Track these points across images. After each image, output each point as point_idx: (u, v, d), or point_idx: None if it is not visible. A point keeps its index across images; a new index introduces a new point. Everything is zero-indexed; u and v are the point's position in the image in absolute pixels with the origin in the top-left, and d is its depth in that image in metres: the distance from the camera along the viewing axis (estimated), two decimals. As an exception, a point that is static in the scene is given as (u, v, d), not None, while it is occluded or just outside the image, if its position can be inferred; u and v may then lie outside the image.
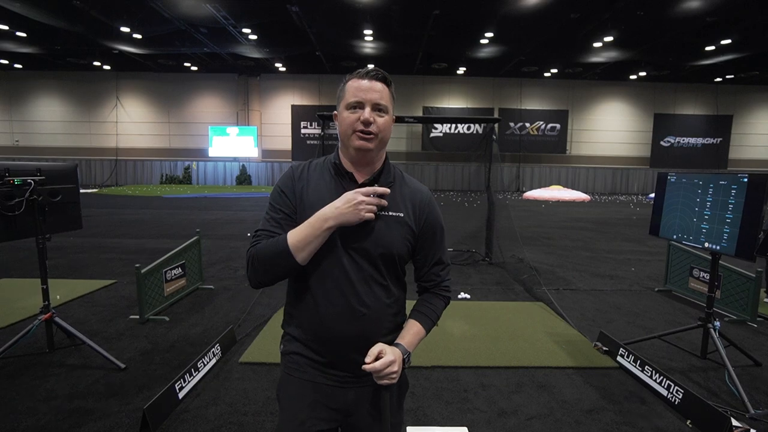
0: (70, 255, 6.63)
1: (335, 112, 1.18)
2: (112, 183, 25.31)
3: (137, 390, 2.69)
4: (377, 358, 1.04)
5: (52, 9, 13.93)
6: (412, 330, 1.17)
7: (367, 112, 1.08)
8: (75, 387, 2.70)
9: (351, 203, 1.05)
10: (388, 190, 1.11)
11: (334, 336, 1.11)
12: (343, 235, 1.09)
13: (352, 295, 1.10)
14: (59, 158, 24.20)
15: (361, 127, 1.08)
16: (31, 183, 2.80)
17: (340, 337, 1.11)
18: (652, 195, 21.45)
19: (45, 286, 3.05)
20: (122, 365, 2.95)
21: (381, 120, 1.11)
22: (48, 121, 24.85)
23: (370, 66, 1.16)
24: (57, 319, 3.11)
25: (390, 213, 1.14)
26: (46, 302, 3.06)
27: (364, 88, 1.10)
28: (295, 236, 1.06)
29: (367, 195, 1.06)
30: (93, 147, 25.17)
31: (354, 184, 1.13)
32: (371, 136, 1.09)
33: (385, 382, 1.06)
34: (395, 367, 1.05)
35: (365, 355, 1.05)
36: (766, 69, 20.29)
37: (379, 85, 1.11)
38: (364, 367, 1.04)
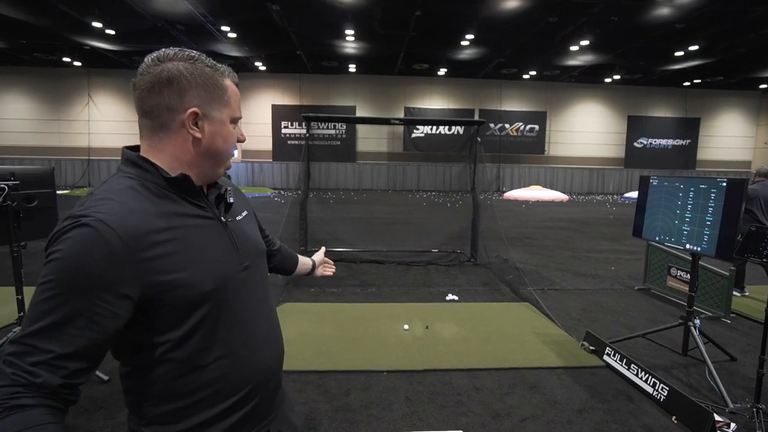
0: (41, 261, 6.32)
1: (192, 109, 0.85)
2: (85, 184, 24.28)
3: (123, 403, 2.59)
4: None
5: (13, 0, 13.20)
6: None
7: (240, 130, 0.95)
8: (55, 402, 2.58)
9: None
10: None
11: (268, 367, 0.99)
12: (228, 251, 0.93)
13: (265, 317, 1.00)
14: (27, 158, 23.11)
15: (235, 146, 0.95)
16: (4, 188, 2.66)
17: (273, 366, 1.01)
18: (627, 195, 22.21)
19: (20, 297, 2.90)
20: (105, 377, 2.83)
21: None
22: (14, 119, 23.66)
23: (226, 66, 0.92)
24: (33, 330, 2.96)
25: (244, 214, 1.04)
26: (22, 313, 2.92)
27: (239, 98, 0.93)
28: None
29: None
30: (63, 146, 24.11)
31: (205, 199, 0.94)
32: None
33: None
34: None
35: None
36: (729, 75, 21.29)
37: None
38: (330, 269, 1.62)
